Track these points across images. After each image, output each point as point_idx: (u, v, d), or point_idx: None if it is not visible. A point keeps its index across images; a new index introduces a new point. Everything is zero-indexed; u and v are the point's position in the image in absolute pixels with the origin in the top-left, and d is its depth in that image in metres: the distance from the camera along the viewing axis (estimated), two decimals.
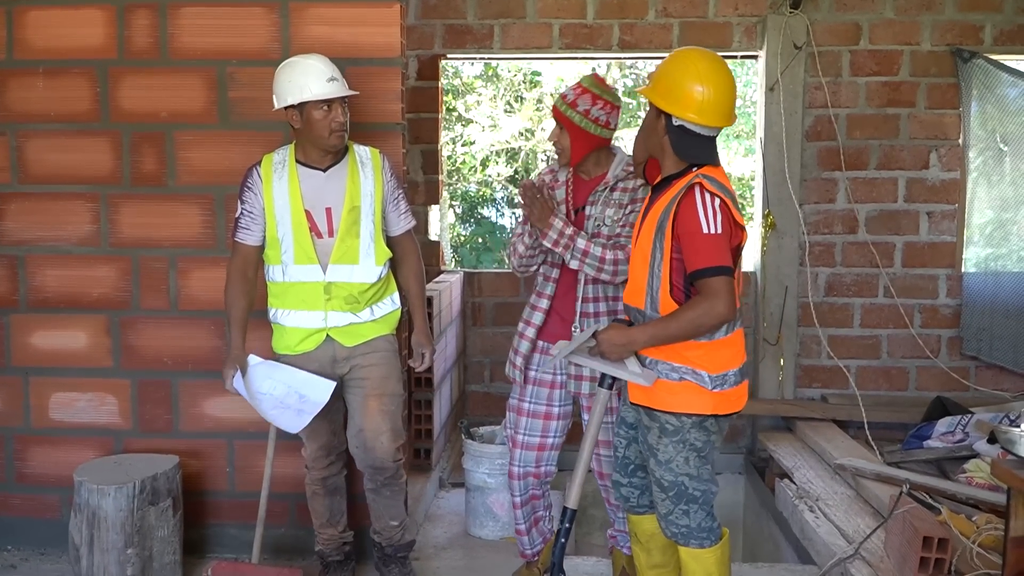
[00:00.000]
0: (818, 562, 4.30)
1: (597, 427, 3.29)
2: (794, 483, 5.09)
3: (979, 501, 4.33)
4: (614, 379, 3.23)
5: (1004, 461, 3.15)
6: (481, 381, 6.51)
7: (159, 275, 4.21)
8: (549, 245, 3.60)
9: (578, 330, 3.69)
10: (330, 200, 3.66)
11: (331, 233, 3.66)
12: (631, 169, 3.66)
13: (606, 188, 3.69)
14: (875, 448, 5.35)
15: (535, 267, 3.83)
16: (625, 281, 3.43)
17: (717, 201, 2.95)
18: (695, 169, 3.04)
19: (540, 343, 3.82)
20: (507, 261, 3.95)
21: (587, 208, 3.70)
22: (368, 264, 3.70)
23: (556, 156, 3.78)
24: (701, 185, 2.96)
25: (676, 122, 3.02)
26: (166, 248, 4.19)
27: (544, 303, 3.81)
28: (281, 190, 3.64)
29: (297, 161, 3.68)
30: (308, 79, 3.56)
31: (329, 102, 3.57)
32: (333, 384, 3.69)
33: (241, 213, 3.69)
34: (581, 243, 3.57)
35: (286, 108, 3.59)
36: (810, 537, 4.48)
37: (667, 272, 3.02)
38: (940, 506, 4.27)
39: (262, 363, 3.77)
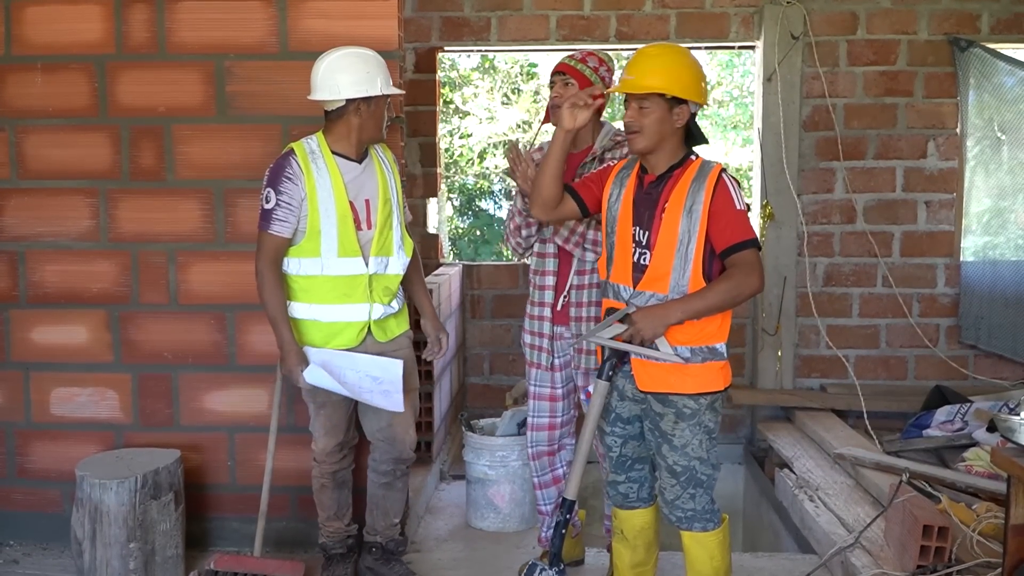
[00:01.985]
0: (818, 551, 4.31)
1: (596, 418, 3.32)
2: (794, 473, 5.10)
3: (978, 489, 4.35)
4: (613, 372, 3.27)
5: (1004, 449, 3.16)
6: (480, 373, 6.51)
7: (158, 269, 4.21)
8: (561, 242, 3.70)
9: (569, 303, 3.78)
10: (368, 192, 3.67)
11: (370, 225, 3.67)
12: (619, 139, 3.70)
13: (594, 159, 3.71)
14: (874, 437, 5.37)
15: (534, 241, 3.87)
16: None
17: (735, 182, 3.17)
18: (694, 157, 3.22)
19: (555, 328, 3.88)
20: (506, 243, 3.98)
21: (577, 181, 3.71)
22: (401, 256, 3.75)
23: (554, 123, 3.64)
24: (724, 169, 3.17)
25: (694, 109, 3.20)
26: (165, 242, 4.20)
27: (550, 280, 3.84)
28: (324, 181, 3.58)
29: (333, 152, 3.63)
30: (382, 73, 3.59)
31: (388, 97, 3.65)
32: (399, 362, 3.66)
33: (277, 204, 3.55)
34: (591, 235, 3.65)
35: (349, 99, 3.56)
36: (810, 526, 4.49)
37: (699, 253, 3.12)
38: (940, 495, 4.28)
39: (321, 352, 3.67)
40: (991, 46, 5.91)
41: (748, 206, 3.20)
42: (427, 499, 5.02)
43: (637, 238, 3.23)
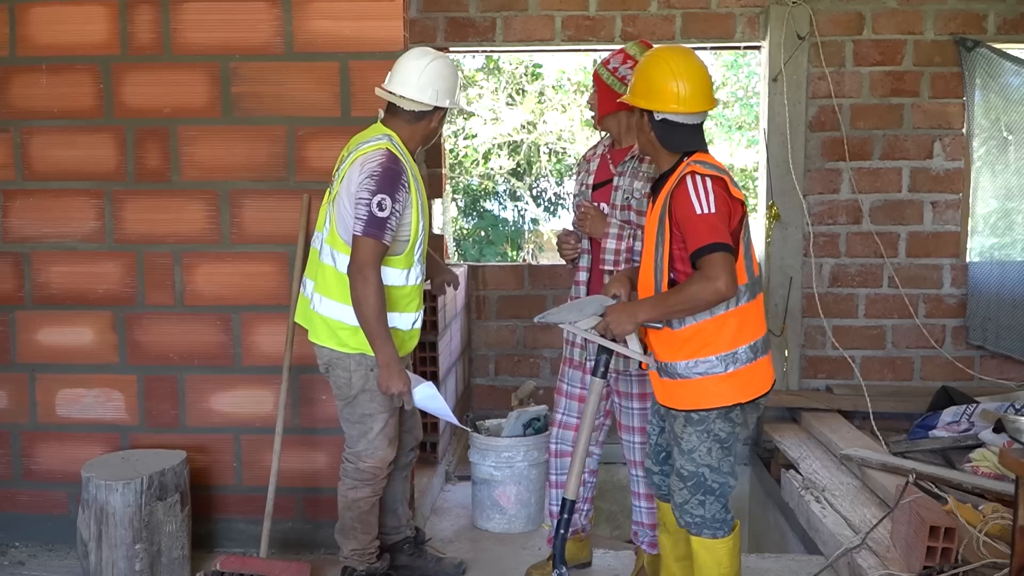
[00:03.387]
0: (824, 552, 4.30)
1: (591, 418, 3.34)
2: (800, 474, 5.09)
3: (985, 490, 4.33)
4: (606, 369, 3.32)
5: (1012, 450, 3.15)
6: (486, 374, 6.51)
7: (164, 271, 4.21)
8: (611, 267, 3.70)
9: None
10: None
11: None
12: None
13: (633, 158, 3.71)
14: (880, 438, 5.35)
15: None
16: None
17: (708, 181, 3.03)
18: (686, 159, 3.13)
19: None
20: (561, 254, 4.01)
21: (615, 179, 3.74)
22: None
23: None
24: (692, 171, 3.05)
25: (658, 116, 3.12)
26: (171, 244, 4.20)
27: (583, 275, 3.87)
28: (418, 187, 3.53)
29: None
30: (460, 88, 3.59)
31: None
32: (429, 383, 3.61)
33: (392, 212, 3.38)
34: (638, 247, 3.63)
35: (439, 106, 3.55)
36: (816, 527, 4.48)
37: (666, 263, 3.10)
38: (946, 495, 4.27)
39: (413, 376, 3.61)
40: (997, 46, 5.90)
41: (742, 200, 3.10)
42: (432, 500, 5.02)
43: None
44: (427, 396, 3.54)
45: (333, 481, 4.19)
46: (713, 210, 2.99)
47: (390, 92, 3.53)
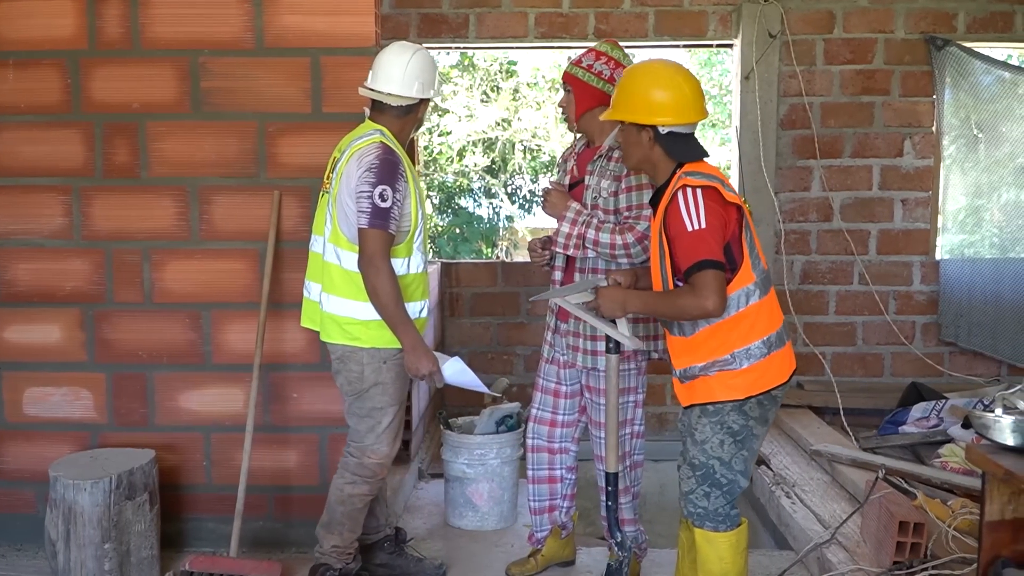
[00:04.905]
0: (795, 547, 4.33)
1: (614, 393, 3.43)
2: (771, 469, 5.12)
3: (954, 485, 4.37)
4: (618, 344, 3.38)
5: (978, 446, 3.17)
6: None
7: (133, 268, 4.17)
8: (561, 251, 3.74)
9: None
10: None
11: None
12: None
13: (601, 157, 3.72)
14: (851, 434, 5.39)
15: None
16: (644, 262, 3.54)
17: (699, 192, 3.01)
18: (679, 171, 3.13)
19: (558, 323, 3.91)
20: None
21: (586, 178, 3.76)
22: None
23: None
24: (684, 185, 3.04)
25: (664, 130, 3.13)
26: (139, 240, 4.16)
27: (558, 275, 3.89)
28: (414, 178, 3.58)
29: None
30: (439, 76, 3.63)
31: None
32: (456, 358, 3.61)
33: (394, 203, 3.41)
34: (591, 234, 3.66)
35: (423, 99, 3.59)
36: (787, 522, 4.50)
37: (671, 274, 3.14)
38: (915, 491, 4.31)
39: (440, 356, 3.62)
40: (967, 45, 5.95)
41: (738, 204, 3.10)
42: (406, 498, 5.01)
43: None
44: (457, 371, 3.55)
45: (304, 479, 4.19)
46: (704, 225, 2.99)
47: (376, 91, 3.54)
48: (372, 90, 3.56)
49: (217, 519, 4.20)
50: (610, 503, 3.51)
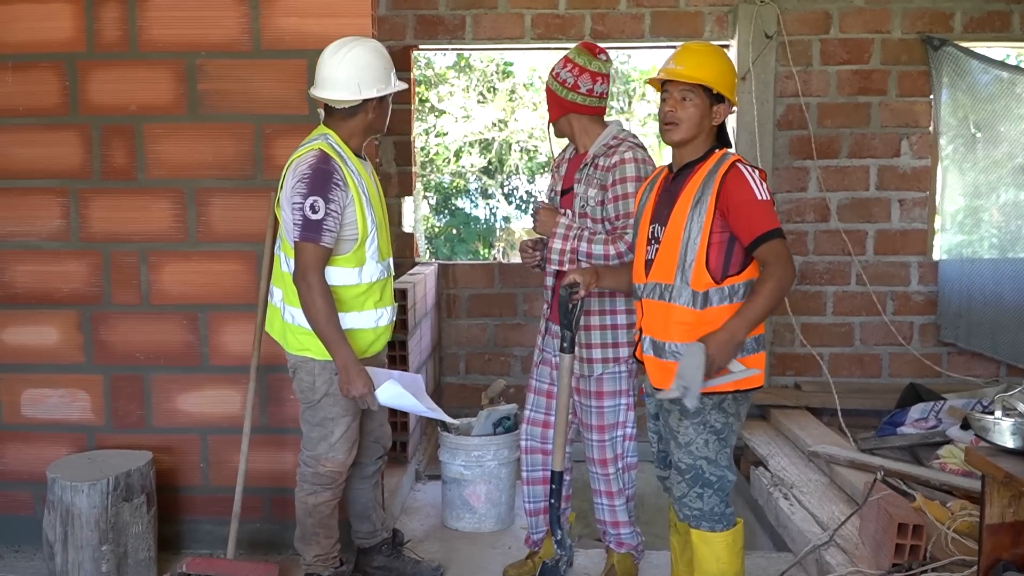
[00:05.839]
0: (793, 549, 4.32)
1: (566, 391, 3.50)
2: (768, 471, 5.11)
3: (953, 487, 4.37)
4: (572, 343, 3.46)
5: (978, 448, 3.17)
6: (456, 373, 6.49)
7: (130, 270, 4.17)
8: (556, 267, 3.75)
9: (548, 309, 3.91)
10: (377, 191, 3.63)
11: (387, 224, 3.68)
12: (612, 144, 3.72)
13: (587, 165, 3.73)
14: (849, 435, 5.39)
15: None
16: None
17: (757, 172, 3.13)
18: (717, 151, 3.21)
19: (548, 324, 3.92)
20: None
21: (575, 186, 3.77)
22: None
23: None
24: (739, 161, 3.13)
25: (733, 109, 3.28)
26: (137, 242, 4.16)
27: (549, 280, 3.90)
28: (359, 183, 3.46)
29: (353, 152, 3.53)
30: (392, 68, 3.54)
31: None
32: (419, 376, 3.60)
33: (327, 214, 3.32)
34: (583, 247, 3.67)
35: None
36: (785, 524, 4.50)
37: (703, 245, 3.09)
38: (914, 492, 4.30)
39: (377, 371, 3.52)
40: (964, 44, 5.95)
41: (771, 197, 3.13)
42: (403, 499, 5.00)
43: (653, 235, 3.24)
44: (393, 395, 3.46)
45: None
46: (768, 197, 3.10)
47: (316, 96, 3.51)
48: (314, 95, 3.52)
49: (214, 521, 4.19)
50: (553, 501, 3.55)
